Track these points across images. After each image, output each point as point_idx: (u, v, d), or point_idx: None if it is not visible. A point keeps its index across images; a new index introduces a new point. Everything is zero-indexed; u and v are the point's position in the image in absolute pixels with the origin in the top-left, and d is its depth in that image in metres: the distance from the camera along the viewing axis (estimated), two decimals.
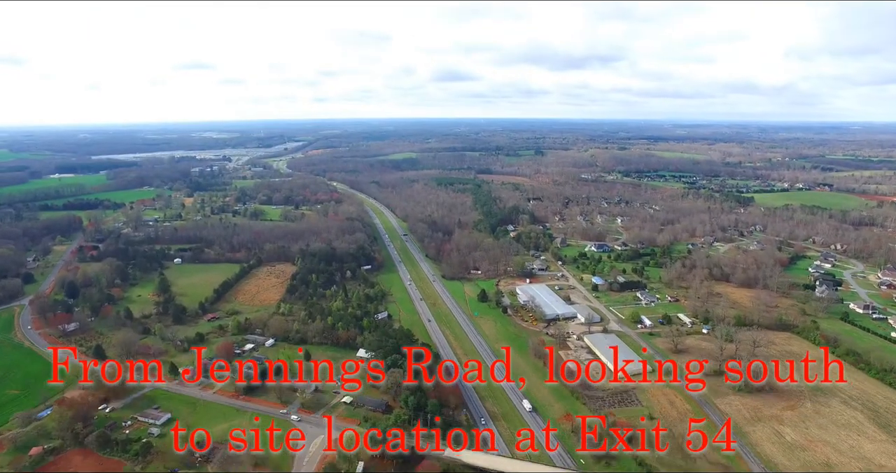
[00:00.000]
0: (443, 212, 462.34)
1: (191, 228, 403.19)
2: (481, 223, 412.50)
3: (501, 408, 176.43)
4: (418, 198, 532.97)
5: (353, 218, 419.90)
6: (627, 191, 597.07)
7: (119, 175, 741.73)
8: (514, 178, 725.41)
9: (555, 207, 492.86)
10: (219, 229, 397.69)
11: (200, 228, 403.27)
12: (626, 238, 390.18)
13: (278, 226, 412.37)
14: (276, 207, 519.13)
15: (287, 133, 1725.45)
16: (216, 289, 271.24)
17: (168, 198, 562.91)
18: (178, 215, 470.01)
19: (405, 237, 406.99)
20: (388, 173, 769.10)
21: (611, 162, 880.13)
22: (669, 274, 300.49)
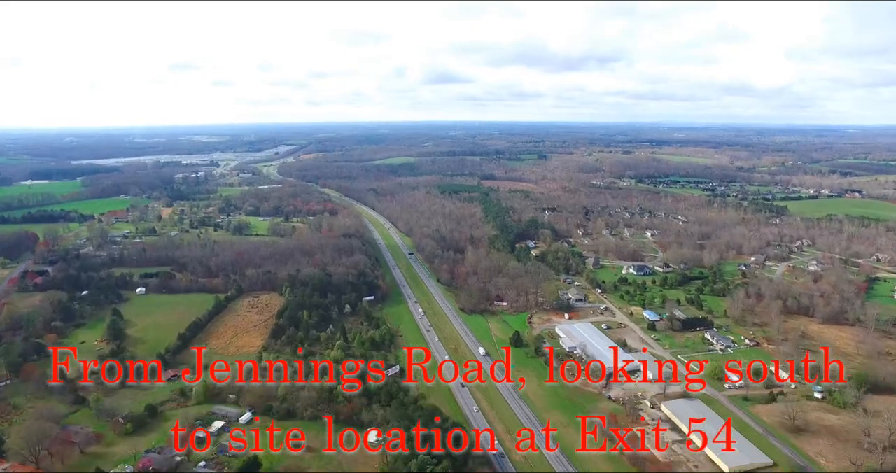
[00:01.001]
0: (451, 226, 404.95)
1: (163, 246, 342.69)
2: (497, 239, 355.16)
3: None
4: (421, 209, 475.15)
5: (351, 234, 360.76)
6: (646, 200, 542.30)
7: (95, 182, 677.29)
8: (521, 185, 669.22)
9: (574, 219, 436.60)
10: (195, 248, 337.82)
11: (174, 246, 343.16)
12: (666, 257, 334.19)
13: (265, 243, 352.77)
14: (263, 219, 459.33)
15: (278, 136, 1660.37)
16: (182, 334, 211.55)
17: (144, 208, 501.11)
18: (152, 229, 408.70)
19: (411, 256, 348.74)
20: (386, 179, 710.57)
21: (618, 167, 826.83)
22: (735, 306, 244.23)
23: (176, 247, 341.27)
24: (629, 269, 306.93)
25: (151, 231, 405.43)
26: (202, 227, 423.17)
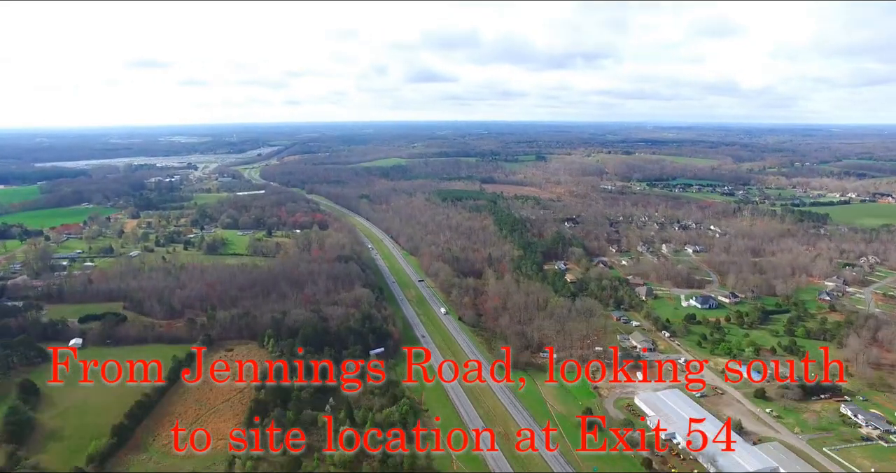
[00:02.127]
0: (462, 242, 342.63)
1: (117, 274, 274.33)
2: (523, 261, 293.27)
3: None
4: (423, 219, 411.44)
5: (347, 256, 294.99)
6: (668, 207, 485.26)
7: (55, 188, 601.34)
8: (524, 189, 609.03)
9: (601, 232, 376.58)
10: (157, 276, 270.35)
11: (132, 273, 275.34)
12: (727, 283, 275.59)
13: (243, 268, 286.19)
14: (242, 233, 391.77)
15: (261, 137, 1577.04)
16: (120, 424, 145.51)
17: (104, 220, 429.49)
18: (109, 248, 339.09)
19: (421, 283, 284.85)
20: (377, 183, 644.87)
21: (622, 168, 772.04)
22: (857, 361, 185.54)
23: (133, 275, 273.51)
24: (691, 301, 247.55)
25: (108, 250, 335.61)
26: (170, 245, 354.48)
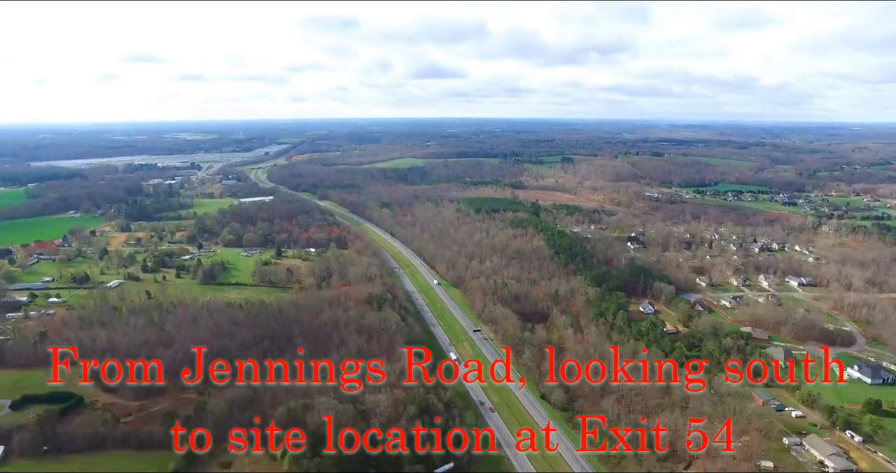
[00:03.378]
0: (513, 270, 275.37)
1: (84, 320, 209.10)
2: (604, 304, 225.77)
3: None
4: (458, 236, 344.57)
5: (381, 298, 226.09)
6: (732, 220, 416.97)
7: (43, 192, 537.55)
8: (559, 196, 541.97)
9: (673, 256, 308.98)
10: (136, 325, 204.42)
11: (104, 318, 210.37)
12: (883, 336, 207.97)
13: (248, 308, 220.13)
14: (247, 253, 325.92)
15: (268, 134, 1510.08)
16: None
17: (88, 235, 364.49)
18: (84, 277, 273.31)
19: (476, 334, 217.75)
20: (396, 188, 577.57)
21: (657, 172, 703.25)
22: None
23: (106, 320, 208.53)
24: (852, 372, 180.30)
25: (83, 279, 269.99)
26: (161, 270, 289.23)
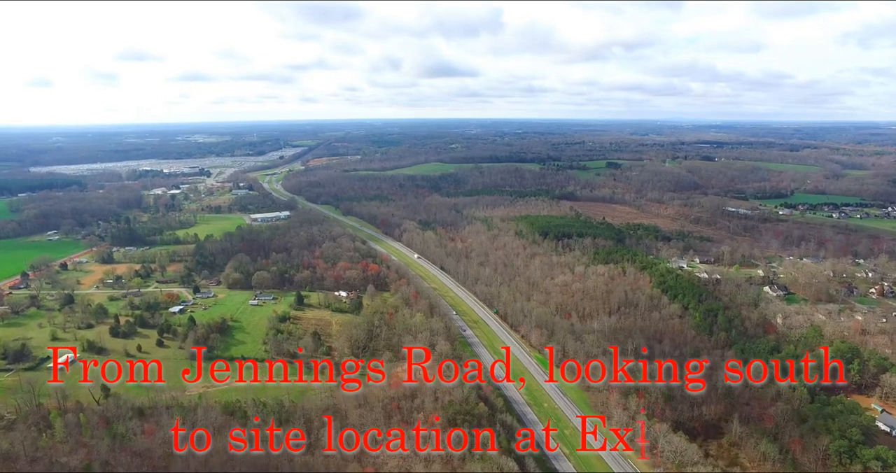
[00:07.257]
0: (636, 339, 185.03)
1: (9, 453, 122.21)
2: (805, 410, 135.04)
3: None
4: (532, 276, 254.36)
5: (477, 415, 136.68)
6: (857, 244, 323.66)
7: (28, 204, 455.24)
8: (624, 211, 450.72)
9: (831, 308, 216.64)
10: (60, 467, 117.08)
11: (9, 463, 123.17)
12: None
13: (259, 426, 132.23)
14: (257, 300, 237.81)
15: (282, 136, 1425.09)
16: None
17: (56, 273, 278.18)
18: (20, 350, 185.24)
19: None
20: (430, 200, 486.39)
21: (720, 179, 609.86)
22: None
23: None
24: None
25: (18, 355, 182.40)
26: (138, 332, 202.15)
